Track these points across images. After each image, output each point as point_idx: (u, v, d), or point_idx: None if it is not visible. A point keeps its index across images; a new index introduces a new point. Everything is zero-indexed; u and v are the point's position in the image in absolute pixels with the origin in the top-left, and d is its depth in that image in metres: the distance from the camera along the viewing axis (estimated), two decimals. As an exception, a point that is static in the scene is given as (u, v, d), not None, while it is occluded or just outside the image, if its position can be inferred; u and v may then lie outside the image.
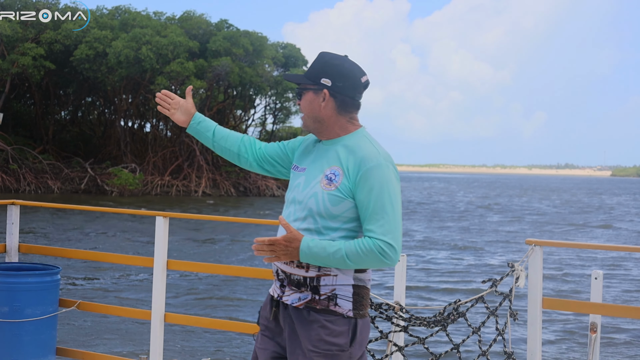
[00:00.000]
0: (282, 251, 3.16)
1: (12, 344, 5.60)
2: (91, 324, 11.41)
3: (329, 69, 3.26)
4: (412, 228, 31.68)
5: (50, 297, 5.78)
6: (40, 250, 6.40)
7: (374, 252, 3.09)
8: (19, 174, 45.76)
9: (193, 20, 50.82)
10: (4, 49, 45.03)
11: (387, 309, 4.85)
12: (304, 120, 3.36)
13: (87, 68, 46.59)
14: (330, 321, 3.18)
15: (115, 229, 25.84)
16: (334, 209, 3.18)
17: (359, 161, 3.17)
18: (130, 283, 15.43)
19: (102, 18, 49.02)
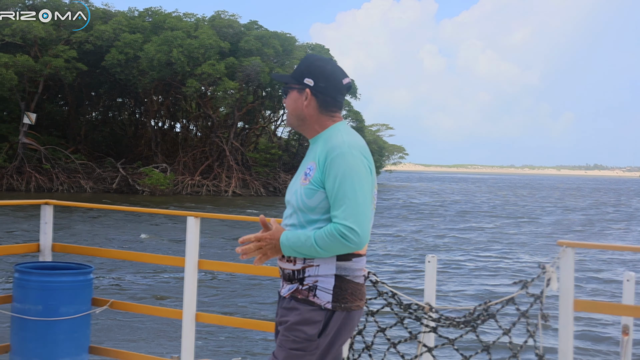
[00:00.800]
0: (268, 246, 3.30)
1: (47, 342, 5.66)
2: (123, 323, 11.49)
3: (313, 70, 3.41)
4: (441, 229, 31.55)
5: (84, 296, 5.83)
6: (73, 250, 6.45)
7: (336, 236, 3.16)
8: (52, 173, 46.20)
9: (223, 20, 50.97)
10: (37, 51, 45.46)
11: (417, 310, 4.85)
12: (288, 118, 3.51)
13: (119, 72, 46.93)
14: (306, 310, 3.28)
15: (147, 229, 25.99)
16: (309, 201, 3.28)
17: (326, 151, 3.27)
18: (162, 282, 15.51)
19: (134, 20, 49.32)
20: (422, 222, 35.18)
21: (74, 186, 46.64)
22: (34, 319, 5.64)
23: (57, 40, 46.07)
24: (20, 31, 43.86)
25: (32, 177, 45.64)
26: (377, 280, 4.85)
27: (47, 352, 5.66)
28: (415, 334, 4.85)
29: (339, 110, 3.45)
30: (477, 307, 4.76)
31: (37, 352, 5.68)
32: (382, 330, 4.87)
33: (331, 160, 3.23)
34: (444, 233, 29.66)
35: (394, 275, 17.68)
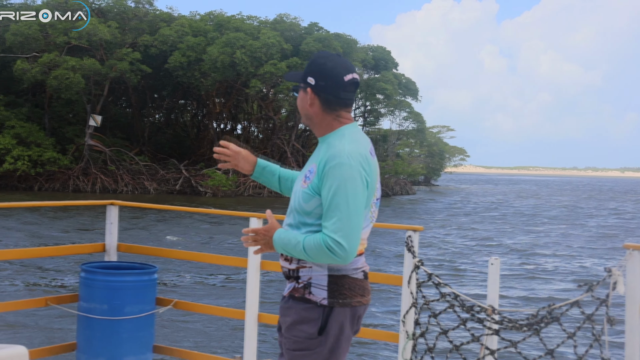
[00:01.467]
0: (262, 240, 3.32)
1: (112, 341, 5.74)
2: (187, 322, 11.61)
3: (313, 68, 3.33)
4: (504, 231, 31.25)
5: (148, 296, 5.91)
6: (138, 250, 6.54)
7: (323, 247, 3.12)
8: (117, 175, 46.92)
9: (286, 23, 51.20)
10: (103, 54, 46.22)
11: (479, 312, 4.81)
12: (300, 116, 3.52)
13: (181, 74, 47.47)
14: (303, 309, 3.27)
15: (210, 230, 26.23)
16: (305, 205, 3.25)
17: (326, 159, 3.20)
18: (225, 283, 15.64)
19: (196, 23, 49.83)
20: (483, 224, 34.87)
21: (138, 187, 47.31)
22: (100, 317, 5.73)
23: (121, 43, 46.77)
24: (86, 34, 44.62)
25: (97, 179, 46.41)
26: (439, 282, 4.82)
27: (112, 351, 5.75)
28: (477, 337, 4.81)
29: (344, 108, 3.34)
30: (540, 309, 4.70)
31: (102, 350, 5.77)
32: (444, 332, 4.84)
33: (329, 169, 3.17)
34: (507, 235, 29.35)
35: (455, 278, 17.56)
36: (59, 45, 45.66)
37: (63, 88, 43.63)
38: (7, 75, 49.02)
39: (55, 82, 43.32)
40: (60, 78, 43.26)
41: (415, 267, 5.07)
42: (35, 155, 44.49)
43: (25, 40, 44.94)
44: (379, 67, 57.90)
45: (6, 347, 5.13)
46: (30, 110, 48.98)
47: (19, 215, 28.21)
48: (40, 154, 44.71)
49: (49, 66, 44.06)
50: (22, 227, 24.66)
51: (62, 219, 28.19)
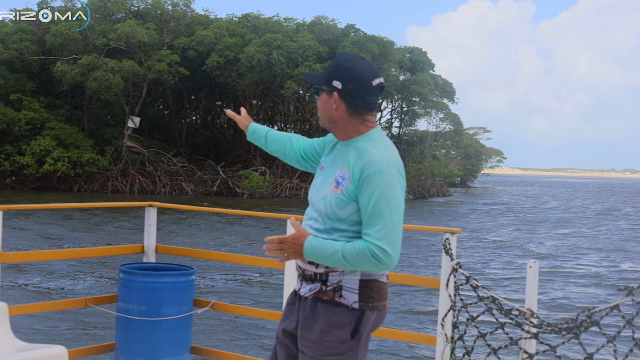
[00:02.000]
0: (290, 249, 3.25)
1: (150, 342, 5.78)
2: (224, 324, 11.66)
3: (341, 72, 3.28)
4: (541, 234, 31.00)
5: (186, 297, 5.94)
6: (176, 251, 6.58)
7: (368, 255, 3.11)
8: (155, 176, 47.28)
9: (323, 25, 51.28)
10: (141, 56, 46.61)
11: (518, 315, 4.78)
12: (320, 119, 3.42)
13: (219, 75, 47.72)
14: (334, 313, 3.24)
15: (247, 231, 26.33)
16: (340, 212, 3.22)
17: (362, 165, 3.19)
18: (262, 284, 15.68)
19: (233, 25, 50.07)
20: (521, 227, 34.62)
21: (175, 188, 47.62)
22: (138, 318, 5.77)
23: (159, 45, 47.12)
24: (124, 36, 45.01)
25: (135, 180, 46.80)
26: (477, 285, 4.79)
27: (150, 351, 5.79)
28: (516, 340, 4.78)
29: (370, 112, 3.32)
30: (580, 313, 4.66)
31: (140, 350, 5.81)
32: (482, 335, 4.81)
33: (368, 176, 3.16)
34: (544, 238, 29.12)
35: (492, 281, 17.45)
36: (97, 47, 46.12)
37: (102, 90, 44.06)
38: (46, 77, 49.66)
39: (94, 83, 43.76)
40: (99, 80, 43.70)
41: (453, 270, 5.05)
42: (75, 157, 44.98)
43: (64, 41, 45.45)
44: (416, 69, 57.77)
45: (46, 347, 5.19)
46: (69, 112, 49.55)
47: (58, 215, 28.53)
48: (80, 156, 45.19)
49: (88, 68, 44.52)
50: (60, 228, 24.93)
51: (100, 219, 28.45)
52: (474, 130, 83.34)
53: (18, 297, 13.11)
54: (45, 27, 47.36)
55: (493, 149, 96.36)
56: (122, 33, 44.87)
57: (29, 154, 44.33)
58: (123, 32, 44.85)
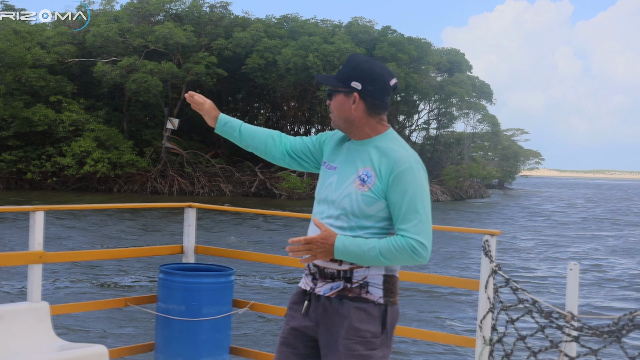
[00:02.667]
0: (318, 249, 3.27)
1: (189, 342, 5.82)
2: (263, 324, 11.69)
3: (360, 73, 3.34)
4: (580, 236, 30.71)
5: (225, 298, 5.97)
6: (215, 252, 6.62)
7: (407, 250, 3.21)
8: (193, 177, 47.57)
9: (359, 27, 51.26)
10: (180, 58, 46.93)
11: (558, 318, 4.74)
12: (334, 120, 3.44)
13: (259, 76, 47.89)
14: (362, 308, 3.30)
15: (285, 232, 26.39)
16: (367, 209, 3.28)
17: (391, 163, 3.27)
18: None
19: (271, 27, 50.23)
20: (559, 229, 34.32)
21: (214, 190, 47.87)
22: (178, 318, 5.81)
23: (197, 47, 47.41)
24: (162, 38, 45.35)
25: (174, 181, 47.13)
26: (517, 287, 4.76)
27: (189, 351, 5.82)
28: (556, 343, 4.74)
29: (385, 112, 3.41)
30: (621, 316, 4.61)
31: (180, 350, 5.85)
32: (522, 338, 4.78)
33: (399, 174, 3.25)
34: (583, 240, 28.83)
35: (531, 283, 17.31)
36: (136, 49, 46.52)
37: (141, 91, 44.44)
38: (86, 79, 50.18)
39: (134, 85, 44.16)
40: (139, 81, 44.08)
41: (492, 272, 5.02)
42: (115, 158, 45.42)
43: (104, 43, 45.91)
44: (453, 70, 57.57)
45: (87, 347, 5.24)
46: (109, 114, 50.06)
47: (98, 216, 28.81)
48: (119, 157, 45.62)
49: (128, 69, 44.93)
50: (100, 228, 25.18)
51: (140, 219, 28.69)
52: (512, 131, 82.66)
53: (59, 296, 13.27)
54: (86, 30, 47.89)
55: (531, 151, 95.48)
56: (161, 35, 45.24)
57: (70, 155, 44.83)
58: (161, 34, 45.22)
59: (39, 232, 5.31)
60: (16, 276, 14.82)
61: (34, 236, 5.31)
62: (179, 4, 49.87)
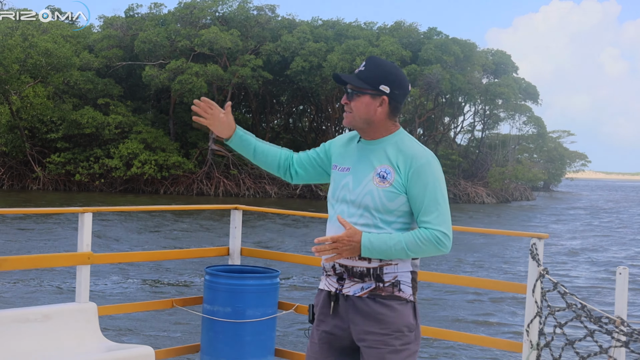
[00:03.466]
0: (345, 247, 3.33)
1: (234, 343, 5.85)
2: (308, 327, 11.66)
3: (389, 77, 3.45)
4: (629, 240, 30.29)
5: (270, 300, 5.98)
6: (260, 254, 6.65)
7: (432, 241, 3.34)
8: (239, 179, 47.83)
9: (404, 29, 51.16)
10: (226, 61, 47.23)
11: (607, 323, 4.67)
12: (351, 119, 3.51)
13: (303, 79, 48.01)
14: (396, 306, 3.40)
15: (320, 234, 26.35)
16: (390, 204, 3.39)
17: (409, 159, 3.40)
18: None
19: (317, 29, 50.33)
20: (607, 232, 33.88)
21: (259, 191, 48.08)
22: (223, 320, 5.84)
23: (243, 50, 47.66)
24: (208, 42, 45.67)
25: (220, 182, 47.43)
26: (565, 292, 4.71)
27: (234, 353, 5.85)
28: (605, 349, 4.68)
29: (399, 114, 3.55)
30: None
31: (225, 352, 5.88)
32: (570, 343, 4.73)
33: (419, 168, 3.38)
34: (631, 244, 28.43)
35: (578, 287, 17.10)
36: (183, 52, 46.91)
37: (186, 92, 44.78)
38: (132, 82, 50.76)
39: (178, 86, 44.53)
40: (183, 82, 44.44)
41: (540, 276, 4.97)
42: (161, 160, 45.84)
43: (153, 47, 46.39)
44: (499, 72, 57.18)
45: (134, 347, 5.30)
46: (155, 116, 50.55)
47: (145, 217, 29.09)
48: (166, 159, 46.04)
49: (174, 72, 45.33)
50: (147, 229, 25.41)
51: (186, 221, 28.89)
52: (558, 133, 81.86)
53: (106, 297, 13.42)
54: (134, 33, 48.42)
55: (577, 153, 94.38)
56: (206, 39, 45.56)
57: (117, 157, 45.35)
58: (207, 38, 45.54)
59: (87, 234, 5.37)
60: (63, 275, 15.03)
61: (83, 237, 5.37)
62: (225, 7, 50.18)
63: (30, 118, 44.61)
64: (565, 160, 79.65)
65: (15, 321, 4.97)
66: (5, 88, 42.75)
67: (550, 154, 72.14)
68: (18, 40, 42.76)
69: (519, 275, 18.01)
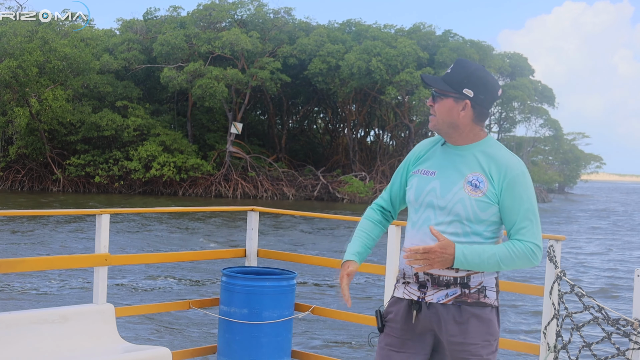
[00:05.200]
0: (437, 259, 3.26)
1: (251, 345, 5.86)
2: (325, 329, 11.69)
3: (474, 80, 3.36)
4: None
5: (287, 301, 5.99)
6: (277, 256, 6.65)
7: (526, 254, 3.29)
8: (257, 181, 47.89)
9: (421, 32, 51.07)
10: (244, 63, 47.31)
11: (625, 325, 4.65)
12: (435, 123, 3.45)
13: (320, 81, 48.03)
14: (482, 313, 3.35)
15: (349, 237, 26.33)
16: (482, 214, 3.32)
17: (503, 169, 3.33)
18: (363, 290, 15.67)
19: (334, 32, 50.33)
20: (625, 234, 33.68)
21: (277, 193, 48.11)
22: (239, 321, 5.85)
23: (261, 52, 47.73)
24: (229, 44, 45.74)
25: (238, 184, 47.48)
26: (582, 294, 4.69)
27: (251, 354, 5.86)
28: (623, 351, 4.65)
29: (487, 119, 3.48)
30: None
31: (241, 353, 5.89)
32: (588, 345, 4.70)
33: (514, 178, 3.31)
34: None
35: (595, 289, 17.01)
36: (202, 55, 47.04)
37: (207, 97, 44.90)
38: (150, 84, 50.92)
39: (199, 90, 44.65)
40: (204, 87, 44.55)
41: (557, 278, 4.95)
42: (180, 162, 45.96)
43: (171, 50, 46.55)
44: (515, 74, 57.06)
45: (151, 349, 5.32)
46: (173, 118, 50.70)
47: (163, 219, 29.17)
48: (185, 161, 46.16)
49: (193, 75, 45.44)
50: (164, 231, 25.48)
51: (204, 222, 28.96)
52: (573, 135, 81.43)
53: (123, 298, 13.46)
54: (153, 36, 48.59)
55: (592, 155, 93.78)
56: (227, 41, 45.64)
57: (136, 159, 45.51)
58: (228, 40, 45.61)
59: (104, 235, 5.40)
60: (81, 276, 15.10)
61: (100, 239, 5.40)
62: (244, 10, 50.27)
63: (49, 120, 44.78)
64: (580, 162, 79.30)
65: (33, 322, 5.00)
66: (25, 91, 42.98)
67: (566, 156, 71.91)
68: (38, 44, 42.96)
69: (537, 277, 17.94)
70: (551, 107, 61.59)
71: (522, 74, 57.25)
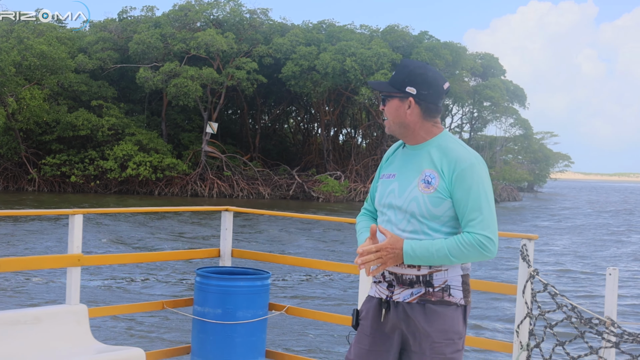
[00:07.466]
0: (388, 256, 3.30)
1: (225, 345, 5.84)
2: (299, 328, 11.69)
3: (414, 78, 3.40)
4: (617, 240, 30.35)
5: (261, 301, 5.98)
6: (251, 256, 6.64)
7: (475, 246, 3.27)
8: (233, 180, 47.82)
9: (396, 33, 51.20)
10: (219, 63, 47.19)
11: (597, 324, 4.68)
12: (388, 125, 3.51)
13: (293, 84, 48.04)
14: (446, 312, 3.36)
15: (322, 235, 26.38)
16: (435, 210, 3.33)
17: (453, 162, 3.34)
18: (336, 289, 15.68)
19: (309, 33, 50.31)
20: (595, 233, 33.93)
21: (253, 193, 48.06)
22: (213, 321, 5.84)
23: (237, 53, 47.62)
24: (204, 44, 45.58)
25: (214, 184, 47.40)
26: (556, 293, 4.72)
27: (225, 355, 5.84)
28: (596, 349, 4.68)
29: (439, 115, 3.47)
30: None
31: (215, 353, 5.88)
32: (561, 343, 4.73)
33: (462, 171, 3.31)
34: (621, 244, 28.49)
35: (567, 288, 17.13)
36: (177, 54, 46.85)
37: (181, 96, 44.73)
38: (125, 84, 50.72)
39: (174, 89, 44.49)
40: (179, 86, 44.40)
41: (530, 277, 4.97)
42: (156, 161, 45.79)
43: (147, 49, 46.30)
44: (487, 74, 57.63)
45: (124, 349, 5.29)
46: (148, 118, 50.52)
47: (137, 218, 29.04)
48: (160, 160, 45.99)
49: (169, 75, 45.27)
50: (138, 231, 25.37)
51: (178, 222, 28.86)
52: (541, 134, 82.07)
53: (96, 299, 13.39)
54: (128, 36, 48.32)
55: (560, 154, 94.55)
56: (203, 41, 45.51)
57: (112, 159, 45.30)
58: (203, 41, 45.48)
59: (77, 236, 5.36)
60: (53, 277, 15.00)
61: (73, 239, 5.36)
62: (219, 10, 50.14)
63: (25, 120, 44.47)
64: (549, 161, 79.97)
65: (5, 323, 4.96)
66: (2, 90, 42.61)
67: (535, 155, 72.54)
68: (14, 43, 42.64)
69: (509, 276, 18.04)
70: (522, 107, 62.26)
71: (493, 74, 57.87)
